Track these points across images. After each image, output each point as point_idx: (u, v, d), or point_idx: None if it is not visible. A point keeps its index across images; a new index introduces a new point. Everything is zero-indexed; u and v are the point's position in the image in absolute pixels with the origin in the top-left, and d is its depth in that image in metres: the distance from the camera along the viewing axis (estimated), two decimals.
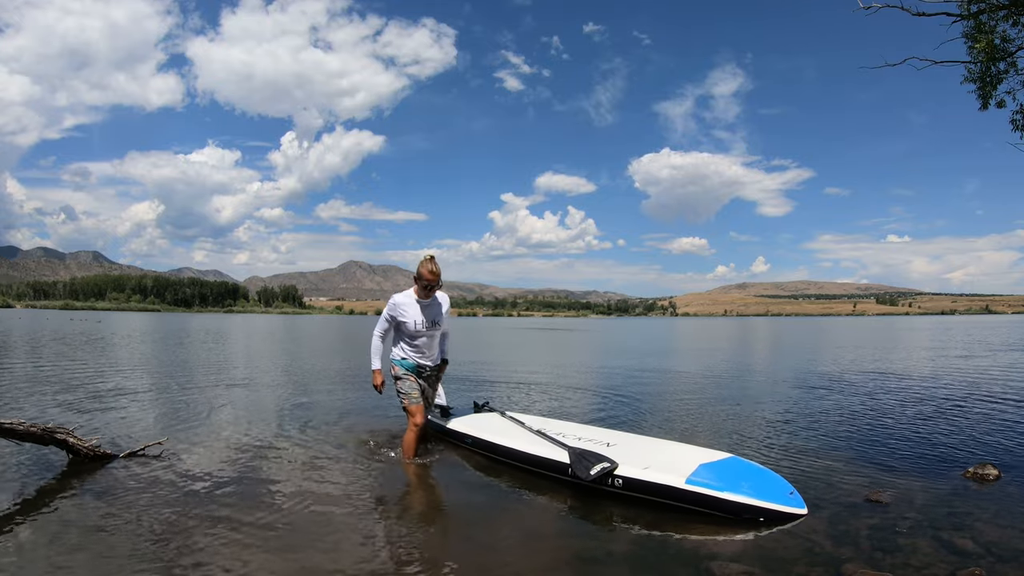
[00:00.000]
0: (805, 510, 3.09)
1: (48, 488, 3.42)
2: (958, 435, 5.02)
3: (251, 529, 2.85)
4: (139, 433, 4.88)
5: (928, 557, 2.56)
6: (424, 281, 4.01)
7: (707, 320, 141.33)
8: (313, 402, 6.68)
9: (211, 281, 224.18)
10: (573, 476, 3.48)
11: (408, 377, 4.15)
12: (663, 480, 3.20)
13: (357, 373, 10.05)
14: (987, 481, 3.66)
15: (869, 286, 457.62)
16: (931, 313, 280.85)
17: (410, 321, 4.06)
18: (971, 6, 5.00)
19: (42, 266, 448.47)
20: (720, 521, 2.99)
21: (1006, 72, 5.12)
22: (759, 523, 2.97)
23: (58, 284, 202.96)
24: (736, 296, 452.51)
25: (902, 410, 6.30)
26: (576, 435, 4.07)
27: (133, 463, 3.92)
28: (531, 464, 3.83)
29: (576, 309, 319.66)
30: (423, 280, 4.01)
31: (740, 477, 3.20)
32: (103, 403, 6.35)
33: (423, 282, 4.02)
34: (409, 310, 4.07)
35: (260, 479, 3.67)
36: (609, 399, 7.20)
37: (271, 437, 4.84)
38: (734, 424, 5.56)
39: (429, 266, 3.99)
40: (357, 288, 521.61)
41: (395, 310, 4.09)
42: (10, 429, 3.59)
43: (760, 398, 7.31)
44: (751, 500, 3.04)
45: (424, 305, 4.09)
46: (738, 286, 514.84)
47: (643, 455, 3.56)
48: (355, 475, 3.82)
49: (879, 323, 68.46)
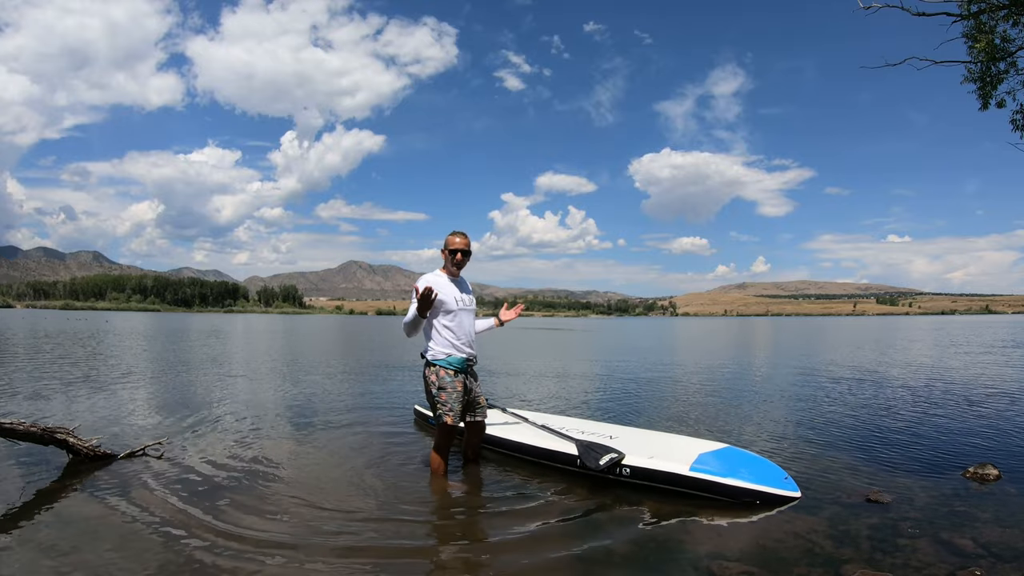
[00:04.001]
0: (799, 493, 3.31)
1: (48, 488, 3.41)
2: (958, 435, 5.02)
3: (252, 529, 2.85)
4: (139, 433, 4.88)
5: (928, 557, 2.56)
6: (457, 250, 3.56)
7: (707, 320, 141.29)
8: (314, 401, 6.68)
9: (211, 281, 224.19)
10: (582, 467, 3.63)
11: (456, 383, 3.52)
12: (669, 468, 3.39)
13: (357, 372, 10.05)
14: (987, 481, 3.66)
15: (869, 286, 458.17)
16: (931, 313, 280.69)
17: (449, 298, 3.51)
18: (971, 6, 5.00)
19: (42, 266, 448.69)
20: (720, 521, 3.00)
21: (1006, 72, 5.12)
22: (759, 523, 2.98)
23: (58, 284, 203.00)
24: (736, 296, 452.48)
25: (902, 410, 6.30)
26: (579, 429, 4.20)
27: (133, 463, 3.92)
28: (540, 457, 3.94)
29: (576, 309, 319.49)
30: (456, 250, 3.56)
31: (738, 464, 3.41)
32: (103, 403, 6.36)
33: (456, 253, 3.56)
34: (443, 287, 3.51)
35: (261, 479, 3.67)
36: (609, 396, 7.23)
37: (272, 437, 4.84)
38: (734, 424, 5.56)
39: (461, 237, 3.60)
40: (357, 288, 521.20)
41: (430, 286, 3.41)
42: (10, 429, 3.59)
43: (759, 398, 7.31)
44: (750, 484, 3.25)
45: (456, 283, 3.61)
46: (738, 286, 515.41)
47: (646, 446, 3.76)
48: (356, 474, 3.82)
49: (879, 323, 68.43)
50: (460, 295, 3.57)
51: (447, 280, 3.58)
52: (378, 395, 7.36)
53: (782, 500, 3.24)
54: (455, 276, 3.63)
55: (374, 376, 9.64)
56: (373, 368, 11.01)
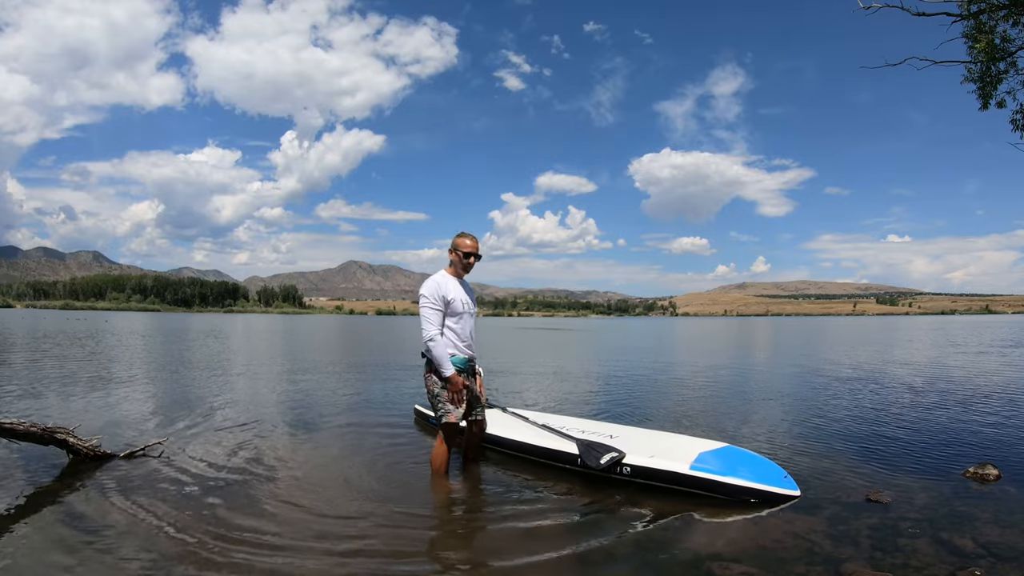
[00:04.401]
0: (798, 492, 3.32)
1: (48, 488, 3.41)
2: (958, 435, 5.02)
3: (252, 529, 2.85)
4: (139, 433, 4.88)
5: (928, 557, 2.57)
6: (470, 253, 3.58)
7: (707, 320, 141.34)
8: (313, 401, 6.68)
9: (211, 281, 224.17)
10: (583, 466, 3.64)
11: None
12: (669, 467, 3.40)
13: (357, 372, 10.05)
14: (987, 481, 3.66)
15: (869, 286, 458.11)
16: (931, 313, 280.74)
17: (457, 301, 3.51)
18: (971, 6, 4.99)
19: (42, 266, 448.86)
20: (720, 521, 3.00)
21: (1006, 72, 5.11)
22: (759, 523, 2.97)
23: (58, 284, 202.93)
24: (736, 296, 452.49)
25: (902, 410, 6.30)
26: (579, 429, 4.21)
27: (133, 463, 3.92)
28: (541, 456, 3.95)
29: (576, 309, 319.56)
30: (465, 251, 3.57)
31: (738, 463, 3.42)
32: (103, 402, 6.36)
33: (469, 256, 3.58)
34: (452, 290, 3.52)
35: (260, 479, 3.67)
36: (609, 396, 7.24)
37: (272, 436, 4.84)
38: (734, 424, 5.56)
39: (472, 239, 3.62)
40: (357, 288, 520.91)
41: (442, 288, 3.49)
42: (10, 429, 3.59)
43: (759, 398, 7.32)
44: (749, 483, 3.26)
45: (463, 285, 3.64)
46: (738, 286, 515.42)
47: (646, 445, 3.76)
48: (356, 473, 3.82)
49: (879, 323, 68.44)
50: (466, 298, 3.59)
51: (456, 283, 3.59)
52: (378, 395, 7.37)
53: (781, 499, 3.26)
54: (461, 278, 3.65)
55: (374, 376, 9.64)
56: (373, 368, 11.01)
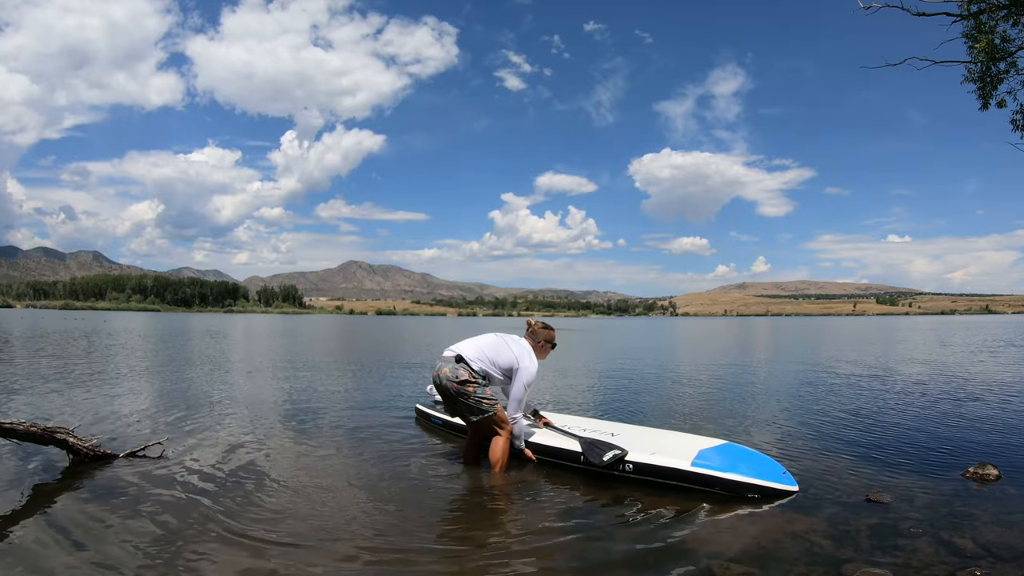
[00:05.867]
0: (796, 487, 3.38)
1: (48, 488, 3.41)
2: (958, 435, 5.02)
3: (252, 529, 2.85)
4: (139, 432, 4.88)
5: (928, 557, 2.57)
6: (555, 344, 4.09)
7: (707, 320, 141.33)
8: (314, 401, 6.68)
9: (211, 281, 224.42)
10: (586, 463, 3.69)
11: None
12: (670, 464, 3.45)
13: (357, 372, 10.05)
14: (987, 481, 3.66)
15: (869, 286, 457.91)
16: (931, 313, 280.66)
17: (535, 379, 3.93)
18: (971, 6, 4.99)
19: (42, 266, 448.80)
20: (721, 520, 3.00)
21: (1006, 72, 5.11)
22: (760, 522, 2.98)
23: (58, 284, 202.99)
24: (736, 296, 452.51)
25: (902, 409, 6.31)
26: (581, 427, 4.24)
27: (133, 463, 3.92)
28: (544, 454, 3.97)
29: (576, 309, 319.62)
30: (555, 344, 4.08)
31: (738, 459, 3.48)
32: (103, 402, 6.35)
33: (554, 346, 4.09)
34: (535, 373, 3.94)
35: (261, 479, 3.66)
36: (610, 395, 7.24)
37: (272, 436, 4.84)
38: (734, 422, 5.56)
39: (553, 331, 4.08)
40: (357, 288, 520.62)
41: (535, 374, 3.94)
42: (10, 429, 3.59)
43: (759, 397, 7.32)
44: (749, 479, 3.32)
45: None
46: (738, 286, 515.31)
47: (647, 443, 3.81)
48: (356, 473, 3.82)
49: (879, 323, 68.44)
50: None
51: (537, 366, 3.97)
52: (379, 394, 7.36)
53: (780, 494, 3.29)
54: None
55: (374, 376, 9.64)
56: (373, 368, 11.01)
